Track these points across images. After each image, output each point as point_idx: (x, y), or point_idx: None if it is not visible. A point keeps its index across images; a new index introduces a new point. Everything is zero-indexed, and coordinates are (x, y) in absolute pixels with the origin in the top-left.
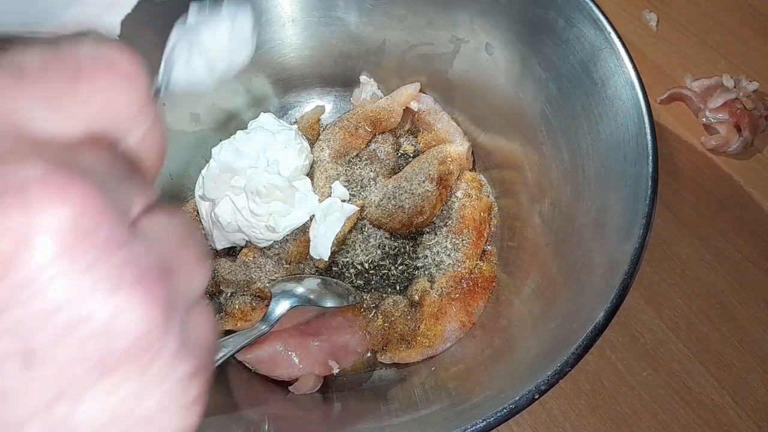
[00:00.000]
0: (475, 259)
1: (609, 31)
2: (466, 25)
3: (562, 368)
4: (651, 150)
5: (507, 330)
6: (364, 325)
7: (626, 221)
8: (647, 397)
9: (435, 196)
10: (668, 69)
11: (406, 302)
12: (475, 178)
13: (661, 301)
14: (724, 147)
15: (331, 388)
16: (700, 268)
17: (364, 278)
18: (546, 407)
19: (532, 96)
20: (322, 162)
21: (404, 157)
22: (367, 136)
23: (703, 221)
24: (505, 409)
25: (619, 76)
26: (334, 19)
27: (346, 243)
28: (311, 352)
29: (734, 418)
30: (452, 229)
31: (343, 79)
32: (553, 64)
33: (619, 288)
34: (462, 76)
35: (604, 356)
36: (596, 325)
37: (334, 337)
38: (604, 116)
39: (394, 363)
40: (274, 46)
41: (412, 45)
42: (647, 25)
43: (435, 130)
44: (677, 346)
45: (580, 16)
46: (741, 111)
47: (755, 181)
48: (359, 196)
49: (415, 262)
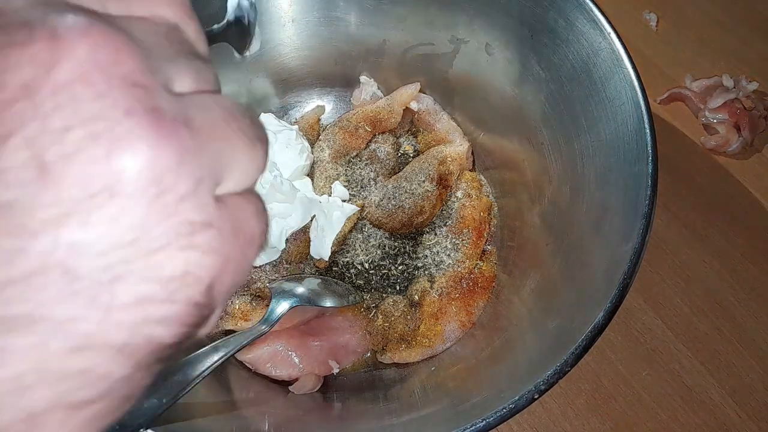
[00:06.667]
0: (475, 259)
1: (609, 31)
2: (466, 25)
3: (561, 368)
4: (651, 150)
5: (507, 330)
6: (364, 325)
7: (626, 221)
8: (647, 397)
9: (435, 196)
10: (668, 69)
11: (406, 302)
12: (475, 178)
13: (661, 301)
14: (724, 147)
15: (331, 388)
16: (700, 268)
17: (364, 278)
18: (546, 407)
19: (532, 96)
20: (322, 162)
21: (404, 157)
22: (367, 136)
23: (703, 221)
24: (505, 409)
25: (619, 76)
26: (334, 19)
27: (346, 243)
28: (311, 352)
29: (734, 418)
30: (452, 229)
31: (343, 79)
32: (553, 64)
33: (619, 288)
34: (462, 76)
35: (604, 356)
36: (596, 325)
37: (334, 337)
38: (604, 116)
39: (394, 363)
40: (274, 46)
41: (412, 45)
42: (647, 25)
43: (435, 130)
44: (677, 346)
45: (580, 16)
46: (741, 111)
47: (755, 181)
48: (359, 196)
49: (415, 262)
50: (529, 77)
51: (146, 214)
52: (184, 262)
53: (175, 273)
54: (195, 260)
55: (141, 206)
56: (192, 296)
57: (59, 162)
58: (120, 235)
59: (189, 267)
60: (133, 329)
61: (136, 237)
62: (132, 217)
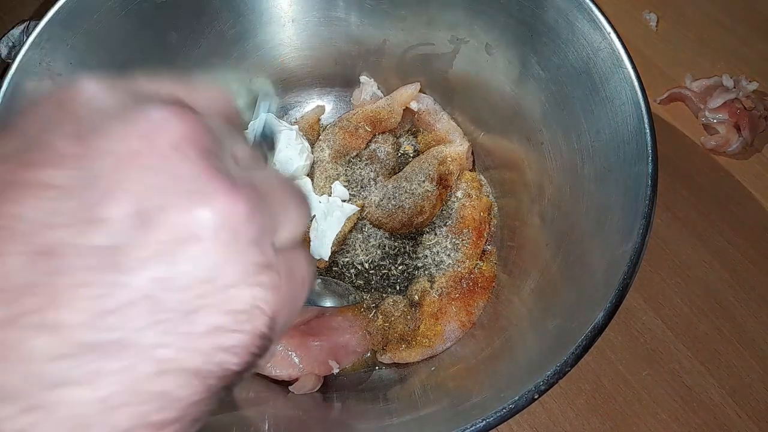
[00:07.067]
0: (475, 259)
1: (609, 31)
2: (466, 25)
3: (561, 368)
4: (651, 150)
5: (507, 330)
6: (364, 325)
7: (626, 221)
8: (647, 397)
9: (435, 196)
10: (668, 69)
11: (406, 302)
12: (475, 178)
13: (661, 301)
14: (724, 147)
15: (331, 388)
16: (700, 268)
17: (364, 278)
18: (546, 407)
19: (532, 96)
20: (322, 162)
21: (404, 157)
22: (367, 136)
23: (703, 221)
24: (505, 409)
25: (619, 76)
26: (334, 19)
27: (346, 243)
28: (311, 352)
29: (734, 418)
30: (452, 229)
31: (343, 79)
32: (553, 64)
33: (619, 288)
34: (462, 76)
35: (604, 356)
36: (596, 325)
37: (334, 337)
38: (604, 116)
39: (394, 363)
40: (274, 46)
41: (412, 45)
42: (647, 25)
43: (435, 130)
44: (677, 346)
45: (580, 16)
46: (741, 111)
47: (755, 181)
48: (359, 196)
49: (415, 262)
50: (529, 77)
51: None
52: (252, 297)
53: (245, 306)
54: (261, 296)
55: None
56: (258, 327)
57: (156, 212)
58: (201, 272)
59: (256, 301)
60: (208, 356)
61: (214, 275)
62: (212, 257)
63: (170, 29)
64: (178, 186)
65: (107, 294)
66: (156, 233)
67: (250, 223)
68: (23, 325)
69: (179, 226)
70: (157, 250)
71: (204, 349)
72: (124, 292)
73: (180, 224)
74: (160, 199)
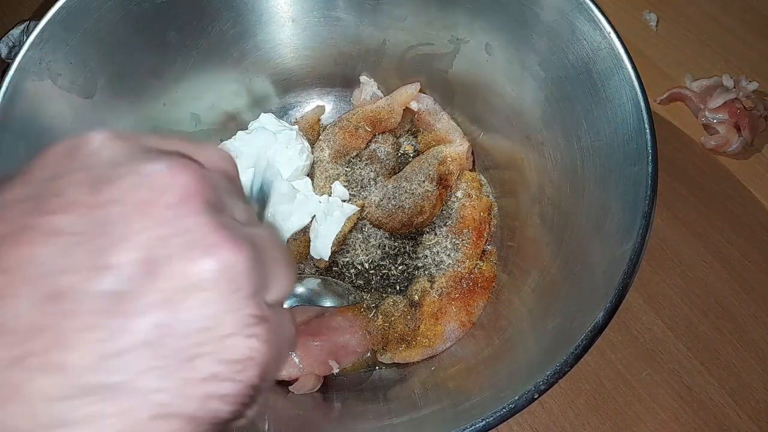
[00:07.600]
0: (475, 259)
1: (608, 31)
2: (466, 25)
3: (561, 368)
4: (651, 150)
5: (507, 330)
6: (364, 325)
7: (626, 221)
8: (647, 397)
9: (435, 196)
10: (668, 69)
11: (406, 302)
12: (475, 178)
13: (661, 301)
14: (724, 147)
15: (331, 388)
16: (700, 268)
17: (364, 278)
18: (546, 407)
19: (532, 96)
20: (322, 162)
21: (404, 157)
22: (367, 136)
23: (703, 221)
24: (505, 409)
25: (618, 76)
26: (334, 19)
27: (346, 243)
28: (311, 352)
29: (734, 417)
30: (452, 229)
31: (343, 79)
32: (553, 64)
33: (619, 288)
34: (462, 76)
35: (604, 356)
36: (596, 325)
37: (334, 337)
38: (604, 116)
39: (394, 363)
40: (274, 46)
41: (412, 45)
42: (647, 25)
43: (435, 130)
44: (677, 345)
45: (579, 16)
46: (741, 111)
47: (755, 180)
48: (359, 196)
49: (415, 262)
50: (529, 77)
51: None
52: (248, 347)
53: (240, 356)
54: (255, 347)
55: (219, 299)
56: (250, 377)
57: (162, 261)
58: (201, 320)
59: (251, 352)
60: (202, 402)
61: (214, 323)
62: (212, 307)
63: (170, 29)
64: (183, 236)
65: (111, 338)
66: (161, 281)
67: (249, 276)
68: (29, 366)
69: (183, 275)
70: (162, 297)
71: (199, 396)
72: (128, 336)
73: (184, 273)
74: (166, 248)
